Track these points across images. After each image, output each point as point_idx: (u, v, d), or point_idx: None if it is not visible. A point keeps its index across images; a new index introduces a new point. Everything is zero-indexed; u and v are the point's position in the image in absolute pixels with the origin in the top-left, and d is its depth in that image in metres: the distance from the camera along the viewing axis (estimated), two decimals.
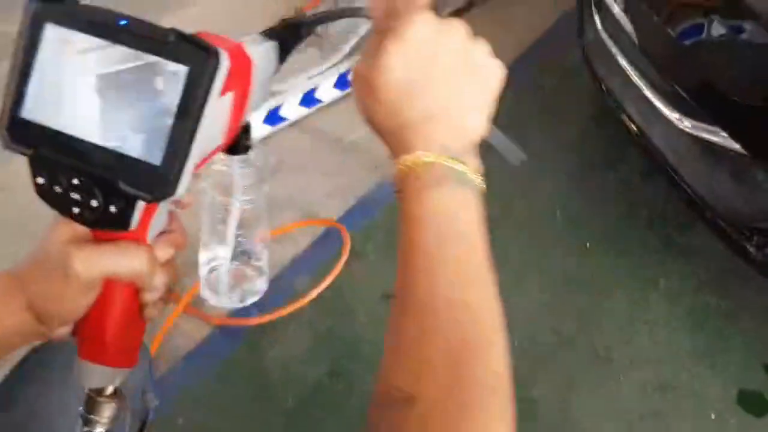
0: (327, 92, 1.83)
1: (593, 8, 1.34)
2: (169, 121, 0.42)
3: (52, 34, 0.44)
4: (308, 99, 1.81)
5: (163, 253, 0.48)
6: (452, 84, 0.46)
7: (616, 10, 1.28)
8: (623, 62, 1.24)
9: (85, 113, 0.44)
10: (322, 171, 1.68)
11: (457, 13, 2.10)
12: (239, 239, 1.30)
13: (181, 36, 0.42)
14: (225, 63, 0.41)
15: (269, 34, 0.54)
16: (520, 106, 1.85)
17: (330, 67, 1.87)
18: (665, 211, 1.62)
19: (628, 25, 1.23)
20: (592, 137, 1.84)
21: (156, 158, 0.42)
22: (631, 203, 1.65)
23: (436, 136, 0.46)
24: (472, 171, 0.46)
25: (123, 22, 0.43)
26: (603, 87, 1.40)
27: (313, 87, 1.81)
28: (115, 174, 0.43)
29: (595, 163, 1.76)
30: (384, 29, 0.46)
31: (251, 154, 0.86)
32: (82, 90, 0.44)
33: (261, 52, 0.51)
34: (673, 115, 1.11)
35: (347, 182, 1.64)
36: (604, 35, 1.30)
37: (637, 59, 1.21)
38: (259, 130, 1.73)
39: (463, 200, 0.46)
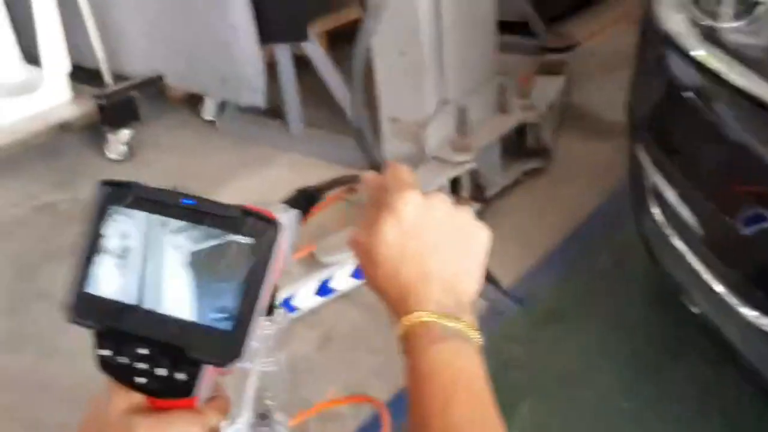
0: None
1: (649, 195, 1.35)
2: (237, 288, 0.44)
3: (120, 214, 0.47)
4: (359, 271, 1.82)
5: (215, 420, 0.49)
6: (442, 250, 0.52)
7: (674, 198, 1.28)
8: (687, 253, 1.21)
9: (154, 286, 0.46)
10: (371, 347, 1.64)
11: (504, 191, 2.15)
12: (259, 402, 1.24)
13: (245, 211, 0.46)
14: (284, 230, 0.46)
15: (290, 202, 0.61)
16: (571, 285, 1.81)
17: None
18: (741, 405, 1.49)
19: (687, 214, 1.22)
20: (652, 322, 1.74)
21: (226, 324, 0.44)
22: (701, 397, 1.53)
23: (431, 297, 0.50)
24: (469, 328, 0.50)
25: (188, 201, 0.46)
26: (665, 274, 1.36)
27: None
28: (186, 342, 0.44)
29: (658, 350, 1.65)
30: (378, 202, 0.53)
31: (276, 313, 0.89)
32: (150, 265, 0.46)
33: (289, 219, 0.57)
34: (750, 313, 1.06)
35: (394, 361, 1.58)
36: (663, 224, 1.29)
37: (702, 250, 1.18)
38: (310, 301, 1.73)
39: (463, 355, 0.49)
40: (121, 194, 0.48)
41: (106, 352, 0.47)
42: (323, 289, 1.76)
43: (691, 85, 1.23)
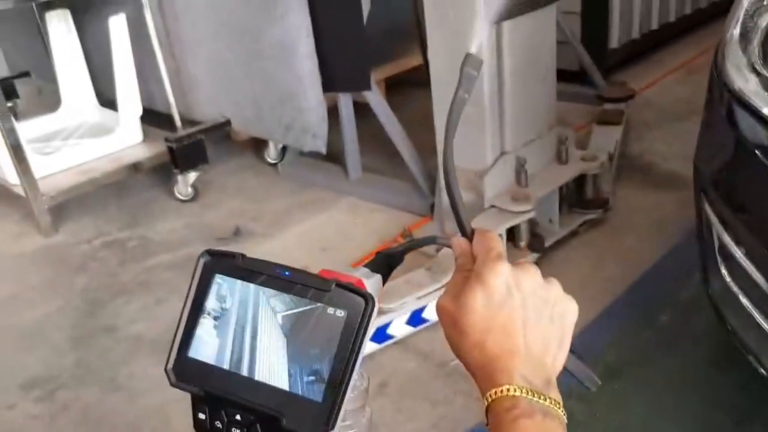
0: (435, 313, 1.85)
1: (717, 253, 1.33)
2: (330, 359, 0.46)
3: (222, 283, 0.50)
4: (416, 318, 1.84)
5: None
6: (530, 323, 0.52)
7: (742, 257, 1.26)
8: (756, 313, 1.19)
9: (250, 354, 0.48)
10: (428, 397, 1.64)
11: (562, 242, 2.14)
12: None
13: (340, 284, 0.47)
14: (377, 306, 0.47)
15: (372, 266, 0.62)
16: (632, 341, 1.77)
17: (439, 288, 1.92)
18: None
19: (756, 274, 1.20)
20: (715, 383, 1.67)
21: (317, 395, 0.46)
22: None
23: (519, 371, 0.50)
24: (555, 404, 0.50)
25: (286, 273, 0.49)
26: (732, 333, 1.33)
27: (421, 306, 1.85)
28: (278, 411, 0.46)
29: (721, 414, 1.58)
30: (466, 270, 0.55)
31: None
32: (247, 333, 0.48)
33: (372, 285, 0.58)
34: None
35: (453, 414, 1.58)
36: (731, 283, 1.27)
37: None
38: (367, 347, 1.75)
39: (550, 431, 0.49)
40: (224, 263, 0.50)
41: (202, 416, 0.49)
42: (380, 335, 1.78)
43: (760, 143, 1.22)
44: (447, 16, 1.88)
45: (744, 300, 1.23)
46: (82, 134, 3.13)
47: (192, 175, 2.76)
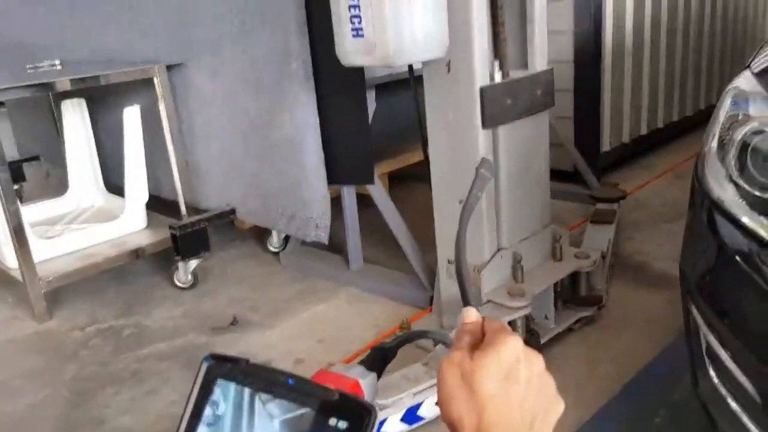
0: (430, 409, 1.85)
1: (705, 355, 1.37)
2: None
3: (225, 388, 0.50)
4: (411, 416, 1.83)
5: None
6: (527, 404, 0.54)
7: (728, 360, 1.29)
8: (743, 416, 1.21)
9: None
10: None
11: (557, 338, 2.17)
12: None
13: (343, 395, 0.48)
14: (377, 417, 0.48)
15: (367, 362, 0.63)
16: None
17: (435, 384, 1.93)
18: None
19: (742, 377, 1.23)
20: None
21: None
22: None
23: None
24: None
25: (289, 381, 0.49)
26: None
27: (417, 403, 1.85)
28: None
29: None
30: (475, 336, 0.58)
31: None
32: None
33: (368, 385, 0.59)
34: None
35: None
36: (719, 385, 1.30)
37: (757, 414, 1.18)
38: None
39: None
40: (228, 369, 0.50)
41: None
42: None
43: (740, 250, 1.29)
44: (446, 118, 2.00)
45: (732, 403, 1.26)
46: (86, 219, 3.20)
47: (193, 263, 2.81)
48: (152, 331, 2.55)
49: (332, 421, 0.48)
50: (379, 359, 0.65)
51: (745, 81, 1.32)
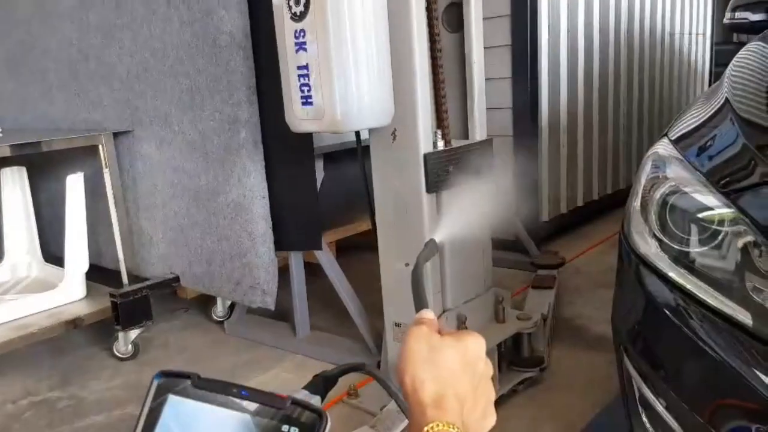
0: None
1: (638, 405, 1.42)
2: None
3: (176, 403, 0.51)
4: None
5: None
6: (476, 393, 0.61)
7: (662, 410, 1.34)
8: None
9: None
10: None
11: (501, 400, 2.20)
12: None
13: (295, 401, 0.50)
14: (330, 421, 0.50)
15: (310, 387, 0.66)
16: None
17: None
18: None
19: (675, 426, 1.28)
20: None
21: None
22: None
23: (460, 419, 0.58)
24: None
25: (243, 392, 0.51)
26: None
27: None
28: None
29: None
30: (430, 325, 0.66)
31: None
32: None
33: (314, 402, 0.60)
34: None
35: None
36: None
37: None
38: None
39: None
40: (179, 384, 0.51)
41: None
42: None
43: (666, 302, 1.37)
44: (392, 184, 2.08)
45: None
46: (22, 289, 3.09)
47: (133, 333, 2.74)
48: (89, 403, 2.44)
49: (285, 428, 0.49)
50: (321, 385, 0.67)
51: (663, 147, 1.44)
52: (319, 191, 2.83)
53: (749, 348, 1.17)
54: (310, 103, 1.77)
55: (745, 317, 1.17)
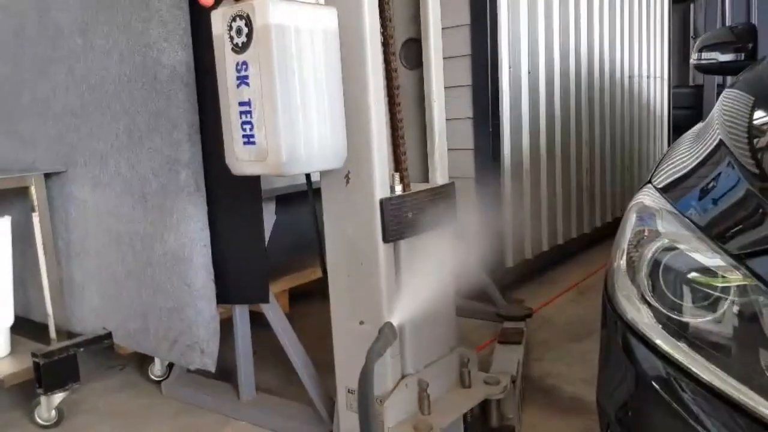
0: None
1: None
2: None
3: None
4: None
5: None
6: None
7: None
8: None
9: None
10: None
11: None
12: None
13: None
14: None
15: None
16: None
17: None
18: None
19: None
20: None
21: None
22: None
23: None
24: None
25: None
26: None
27: None
28: None
29: None
30: None
31: None
32: None
33: None
34: None
35: None
36: None
37: None
38: None
39: None
40: None
41: None
42: None
43: (658, 376, 1.19)
44: (346, 231, 1.87)
45: None
46: None
47: (58, 396, 2.43)
48: None
49: None
50: None
51: (649, 196, 1.28)
52: (271, 236, 2.62)
53: None
54: (253, 143, 1.56)
55: (760, 403, 0.99)
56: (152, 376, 2.74)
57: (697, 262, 1.08)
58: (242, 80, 1.55)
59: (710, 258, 1.05)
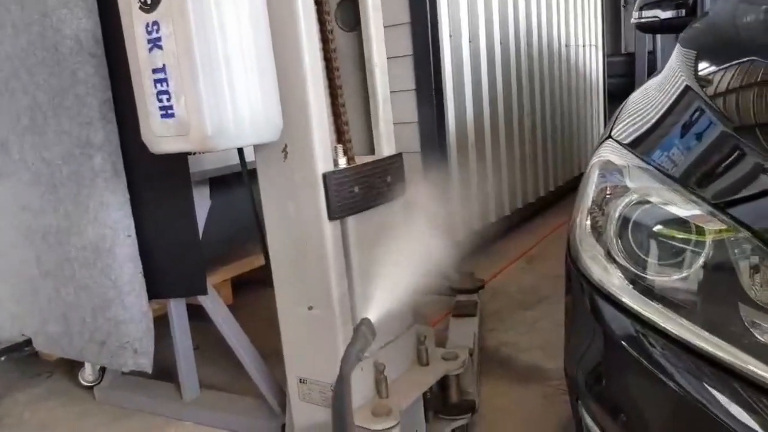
0: None
1: None
2: None
3: None
4: None
5: None
6: None
7: None
8: None
9: None
10: None
11: None
12: None
13: None
14: None
15: None
16: None
17: None
18: None
19: None
20: None
21: None
22: None
23: None
24: None
25: None
26: None
27: None
28: None
29: None
30: None
31: None
32: None
33: None
34: None
35: None
36: None
37: None
38: None
39: None
40: None
41: None
42: None
43: (632, 341, 1.10)
44: (286, 211, 1.72)
45: None
46: None
47: None
48: None
49: None
50: None
51: (612, 151, 1.18)
52: (208, 223, 2.43)
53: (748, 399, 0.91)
54: (171, 115, 1.39)
55: (746, 362, 0.91)
56: (83, 382, 2.52)
57: (671, 214, 0.99)
58: (154, 43, 1.37)
59: (687, 210, 0.97)
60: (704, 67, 1.30)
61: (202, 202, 2.46)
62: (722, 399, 0.97)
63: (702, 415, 0.98)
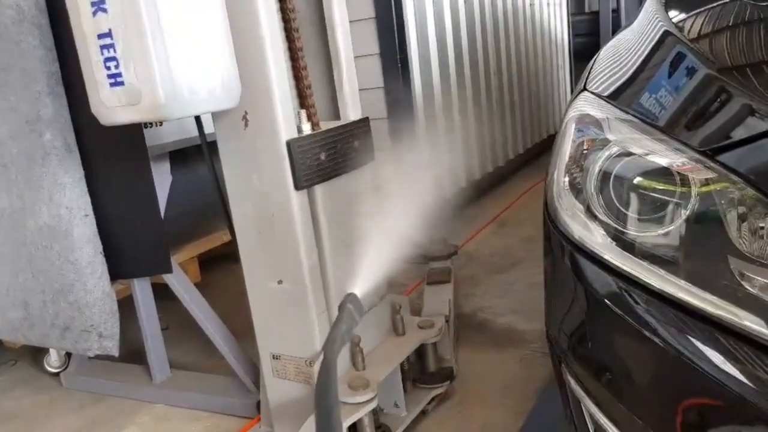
0: None
1: (585, 426, 1.13)
2: None
3: None
4: None
5: None
6: None
7: (610, 428, 1.07)
8: None
9: None
10: None
11: (412, 426, 1.86)
12: None
13: None
14: None
15: None
16: None
17: None
18: None
19: None
20: None
21: None
22: None
23: None
24: None
25: None
26: None
27: None
28: None
29: None
30: None
31: None
32: None
33: None
34: None
35: None
36: None
37: None
38: None
39: None
40: None
41: None
42: None
43: (613, 294, 1.07)
44: (250, 181, 1.65)
45: None
46: None
47: None
48: None
49: None
50: None
51: (588, 103, 1.13)
52: (170, 198, 2.34)
53: (743, 356, 0.89)
54: (121, 83, 1.29)
55: (736, 315, 0.88)
56: (49, 368, 2.44)
57: (654, 164, 0.95)
58: (98, 6, 1.26)
59: (672, 159, 0.92)
60: (682, 11, 1.25)
61: (162, 176, 2.37)
62: (709, 352, 0.94)
63: (688, 369, 0.95)
